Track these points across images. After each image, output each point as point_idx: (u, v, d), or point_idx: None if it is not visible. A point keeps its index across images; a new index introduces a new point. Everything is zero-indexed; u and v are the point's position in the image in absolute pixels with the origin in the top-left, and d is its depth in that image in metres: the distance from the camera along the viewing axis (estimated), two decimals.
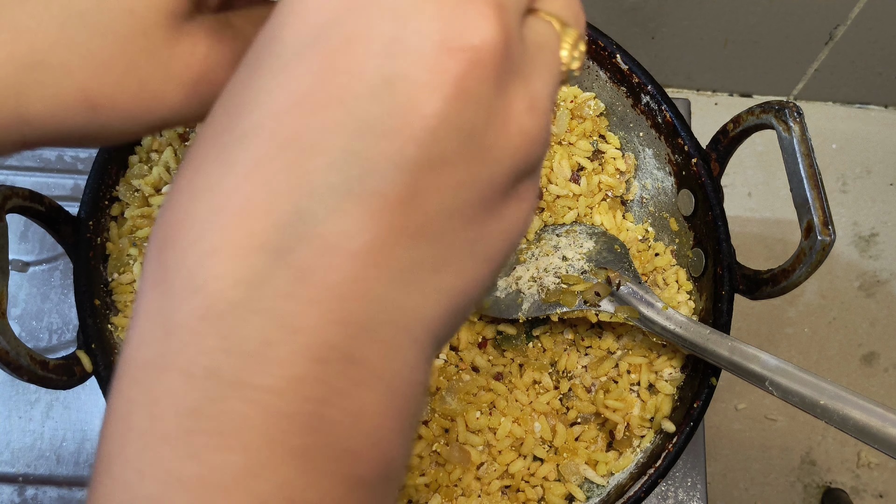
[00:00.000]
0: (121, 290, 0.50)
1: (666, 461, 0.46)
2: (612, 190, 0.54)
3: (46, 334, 0.59)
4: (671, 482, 0.57)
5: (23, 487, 0.56)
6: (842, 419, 0.38)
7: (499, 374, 0.50)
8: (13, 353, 0.40)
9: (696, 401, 0.46)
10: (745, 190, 1.21)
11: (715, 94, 1.25)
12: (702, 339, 0.45)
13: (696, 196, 0.50)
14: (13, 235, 0.61)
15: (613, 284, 0.48)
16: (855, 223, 1.22)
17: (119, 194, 0.51)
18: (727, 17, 1.06)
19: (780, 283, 0.45)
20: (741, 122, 0.47)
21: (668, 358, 0.50)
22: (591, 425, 0.50)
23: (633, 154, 0.55)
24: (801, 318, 1.19)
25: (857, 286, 1.20)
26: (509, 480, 0.49)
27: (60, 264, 0.60)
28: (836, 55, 1.13)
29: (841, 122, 1.25)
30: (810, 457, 1.14)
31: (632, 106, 0.53)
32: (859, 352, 1.18)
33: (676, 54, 1.15)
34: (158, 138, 0.52)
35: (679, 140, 0.50)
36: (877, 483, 1.13)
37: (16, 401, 0.58)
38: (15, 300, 0.60)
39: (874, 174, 1.24)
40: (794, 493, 1.12)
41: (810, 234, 0.42)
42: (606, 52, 0.52)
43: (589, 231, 0.51)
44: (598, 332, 0.52)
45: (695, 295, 0.51)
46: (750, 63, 1.16)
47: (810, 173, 0.43)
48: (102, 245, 0.50)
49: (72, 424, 0.57)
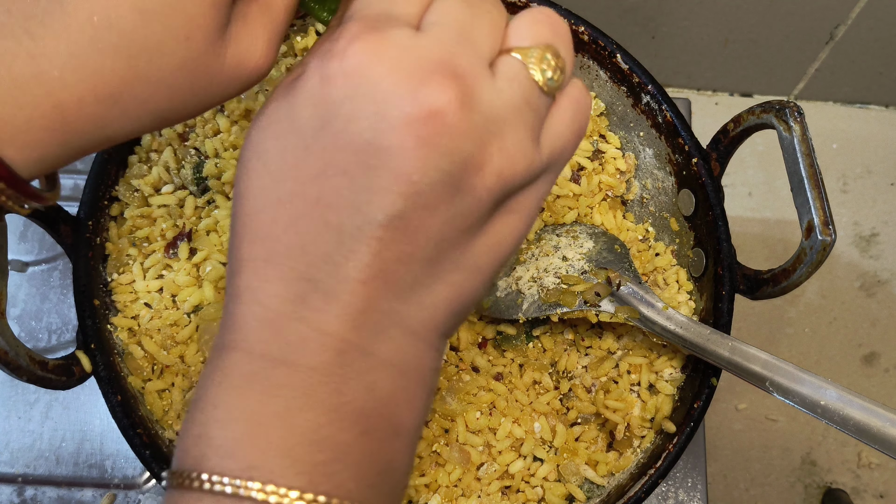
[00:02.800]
0: (120, 290, 0.49)
1: (666, 462, 0.46)
2: (612, 190, 0.54)
3: (46, 334, 0.59)
4: (671, 482, 0.57)
5: (22, 488, 0.56)
6: (842, 419, 0.38)
7: (499, 375, 0.50)
8: (12, 354, 0.40)
9: (696, 401, 0.46)
10: (745, 190, 1.21)
11: (715, 93, 1.25)
12: (702, 340, 0.45)
13: (696, 196, 0.50)
14: (12, 235, 0.61)
15: (613, 284, 0.48)
16: (855, 223, 1.22)
17: (118, 194, 0.51)
18: (727, 16, 1.06)
19: (780, 283, 0.45)
20: (742, 121, 0.47)
21: (668, 358, 0.50)
22: (592, 425, 0.50)
23: (633, 154, 0.54)
24: (801, 318, 1.19)
25: (858, 286, 1.20)
26: (509, 481, 0.48)
27: (60, 264, 0.60)
28: (836, 55, 1.13)
29: (841, 122, 1.25)
30: (811, 457, 1.14)
31: (632, 105, 0.53)
32: (860, 352, 1.18)
33: (677, 54, 1.15)
34: (158, 138, 0.52)
35: (679, 140, 0.50)
36: (877, 483, 1.13)
37: (15, 401, 0.58)
38: (14, 300, 0.59)
39: (875, 174, 1.24)
40: (794, 494, 1.12)
41: (811, 234, 0.42)
42: (606, 52, 0.52)
43: (589, 231, 0.51)
44: (598, 333, 0.52)
45: (695, 295, 0.51)
46: (750, 63, 1.16)
47: (811, 173, 0.42)
48: (102, 245, 0.50)
49: (71, 425, 0.57)
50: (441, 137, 0.22)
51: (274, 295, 0.24)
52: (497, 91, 0.24)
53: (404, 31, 0.23)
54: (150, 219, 0.51)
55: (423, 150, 0.22)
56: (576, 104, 0.26)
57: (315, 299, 0.23)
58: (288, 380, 0.23)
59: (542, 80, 0.25)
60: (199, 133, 0.52)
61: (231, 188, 0.51)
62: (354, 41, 0.23)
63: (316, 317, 0.23)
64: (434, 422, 0.49)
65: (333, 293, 0.23)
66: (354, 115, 0.22)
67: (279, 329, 0.24)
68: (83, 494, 0.56)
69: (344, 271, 0.23)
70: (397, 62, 0.22)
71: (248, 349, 0.24)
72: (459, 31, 0.24)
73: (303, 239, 0.23)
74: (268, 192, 0.24)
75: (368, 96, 0.22)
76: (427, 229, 0.23)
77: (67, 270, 0.60)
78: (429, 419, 0.49)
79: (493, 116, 0.23)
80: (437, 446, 0.48)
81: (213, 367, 0.25)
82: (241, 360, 0.24)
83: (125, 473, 0.56)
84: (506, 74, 0.24)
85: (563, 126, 0.26)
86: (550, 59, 0.25)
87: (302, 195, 0.23)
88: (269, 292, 0.24)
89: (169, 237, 0.51)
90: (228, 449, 0.23)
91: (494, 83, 0.24)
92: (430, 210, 0.23)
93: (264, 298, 0.24)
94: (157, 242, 0.50)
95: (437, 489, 0.48)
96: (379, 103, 0.22)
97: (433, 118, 0.22)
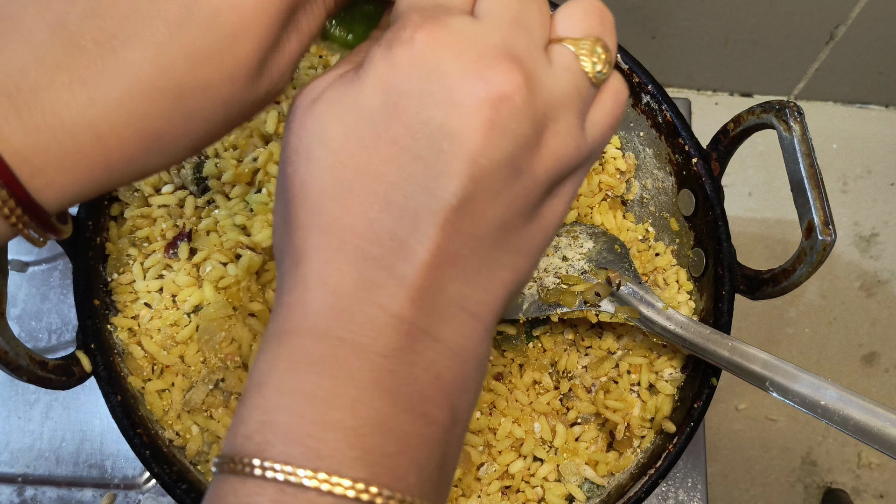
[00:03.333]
0: (120, 290, 0.50)
1: (666, 462, 0.46)
2: (612, 190, 0.54)
3: (46, 334, 0.59)
4: (671, 482, 0.57)
5: (22, 488, 0.56)
6: (842, 419, 0.38)
7: (499, 374, 0.50)
8: (12, 354, 0.40)
9: (696, 401, 0.46)
10: (745, 190, 1.21)
11: (715, 93, 1.25)
12: (702, 340, 0.45)
13: (696, 196, 0.50)
14: None
15: (613, 285, 0.48)
16: (856, 223, 1.22)
17: (119, 194, 0.51)
18: (727, 16, 1.06)
19: (780, 283, 0.45)
20: (742, 121, 0.47)
21: (668, 358, 0.50)
22: (592, 425, 0.50)
23: (633, 154, 0.54)
24: (801, 318, 1.19)
25: (858, 286, 1.20)
26: (509, 481, 0.48)
27: (60, 264, 0.60)
28: (836, 55, 1.13)
29: (841, 122, 1.25)
30: (811, 457, 1.14)
31: (632, 105, 0.53)
32: (860, 352, 1.18)
33: (677, 54, 1.15)
34: None
35: (679, 140, 0.50)
36: (877, 483, 1.13)
37: (15, 401, 0.58)
38: (14, 300, 0.59)
39: (875, 174, 1.24)
40: (794, 494, 1.12)
41: (811, 234, 0.42)
42: None
43: (589, 231, 0.51)
44: (598, 333, 0.52)
45: (695, 295, 0.51)
46: (750, 63, 1.16)
47: (811, 173, 0.42)
48: (102, 245, 0.50)
49: (71, 425, 0.57)
50: (508, 120, 0.23)
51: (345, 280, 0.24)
52: (554, 78, 0.25)
53: (464, 19, 0.24)
54: (151, 219, 0.51)
55: (492, 133, 0.23)
56: (616, 96, 0.27)
57: (386, 283, 0.24)
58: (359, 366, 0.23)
59: (591, 71, 0.25)
60: None
61: (231, 188, 0.51)
62: (419, 30, 0.23)
63: (386, 300, 0.24)
64: None
65: (403, 276, 0.24)
66: (426, 101, 0.23)
67: (349, 313, 0.24)
68: (83, 494, 0.56)
69: (414, 254, 0.24)
70: (463, 48, 0.23)
71: (318, 334, 0.24)
72: (514, 19, 0.24)
73: (375, 225, 0.24)
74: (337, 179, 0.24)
75: (438, 82, 0.23)
76: (493, 211, 0.24)
77: (67, 270, 0.60)
78: None
79: (551, 102, 0.24)
80: None
81: (276, 353, 0.24)
82: (309, 345, 0.24)
83: (125, 473, 0.56)
84: (560, 63, 0.25)
85: (603, 115, 0.27)
86: (600, 52, 0.26)
87: (376, 181, 0.24)
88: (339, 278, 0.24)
89: (169, 237, 0.51)
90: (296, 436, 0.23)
91: (551, 70, 0.25)
92: (495, 192, 0.24)
93: (335, 284, 0.24)
94: (158, 242, 0.50)
95: None
96: (449, 88, 0.23)
97: (501, 102, 0.23)
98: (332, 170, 0.24)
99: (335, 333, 0.24)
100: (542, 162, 0.24)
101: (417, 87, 0.23)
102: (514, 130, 0.23)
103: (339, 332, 0.24)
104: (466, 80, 0.23)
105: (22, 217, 0.25)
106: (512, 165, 0.24)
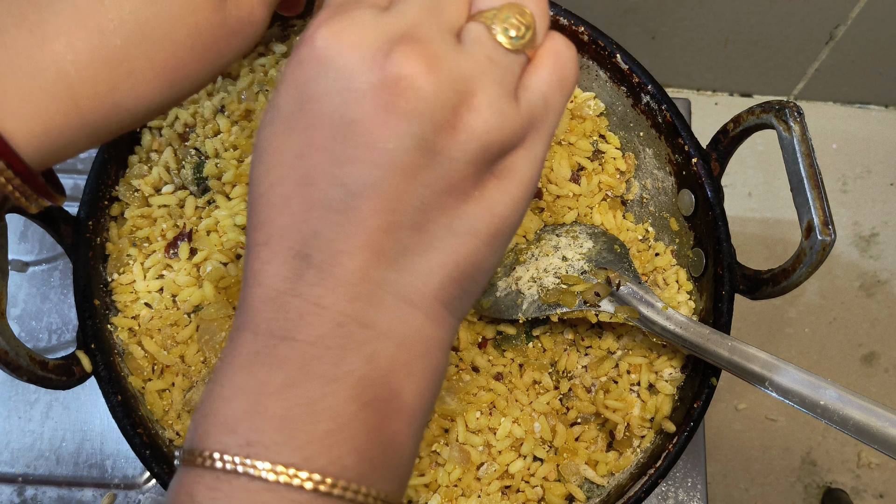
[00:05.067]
0: (120, 291, 0.50)
1: (666, 461, 0.46)
2: (612, 190, 0.54)
3: (46, 334, 0.59)
4: (671, 482, 0.57)
5: (22, 487, 0.56)
6: (842, 419, 0.38)
7: (499, 375, 0.50)
8: (12, 354, 0.40)
9: (696, 401, 0.46)
10: (745, 190, 1.21)
11: (715, 93, 1.25)
12: (702, 340, 0.45)
13: (696, 196, 0.50)
14: (13, 235, 0.61)
15: (613, 284, 0.48)
16: (855, 223, 1.22)
17: (119, 194, 0.51)
18: (727, 17, 1.06)
19: (780, 283, 0.45)
20: (741, 121, 0.47)
21: (668, 358, 0.50)
22: (591, 425, 0.50)
23: (633, 154, 0.54)
24: (801, 318, 1.19)
25: (858, 286, 1.20)
26: (509, 480, 0.49)
27: (60, 264, 0.60)
28: (836, 55, 1.13)
29: (841, 122, 1.25)
30: (811, 457, 1.14)
31: (632, 106, 0.53)
32: (859, 352, 1.18)
33: (676, 54, 1.15)
34: (158, 138, 0.52)
35: (679, 140, 0.50)
36: (877, 483, 1.13)
37: (15, 401, 0.58)
38: (14, 300, 0.59)
39: (874, 174, 1.24)
40: (794, 494, 1.12)
41: (810, 234, 0.42)
42: (606, 52, 0.52)
43: (589, 231, 0.51)
44: (598, 332, 0.52)
45: (695, 295, 0.51)
46: (750, 63, 1.16)
47: (810, 173, 0.43)
48: (102, 245, 0.50)
49: (71, 425, 0.57)
50: (407, 102, 0.23)
51: (273, 275, 0.25)
52: (462, 53, 0.24)
53: (368, 11, 0.24)
54: (151, 219, 0.51)
55: (392, 117, 0.23)
56: (554, 56, 0.26)
57: (310, 275, 0.24)
58: (288, 354, 0.24)
59: (505, 39, 0.25)
60: (199, 133, 0.52)
61: (231, 188, 0.51)
62: (321, 26, 0.24)
63: (312, 291, 0.24)
64: (434, 422, 0.49)
65: (326, 267, 0.24)
66: (325, 93, 0.24)
67: (280, 307, 0.25)
68: (83, 494, 0.56)
69: (334, 245, 0.24)
70: (360, 38, 0.24)
71: (254, 329, 0.25)
72: (424, 5, 0.25)
73: (294, 218, 0.25)
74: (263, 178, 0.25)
75: (337, 74, 0.24)
76: (407, 195, 0.24)
77: (67, 270, 0.60)
78: (429, 419, 0.49)
79: (459, 78, 0.24)
80: (437, 446, 0.48)
81: (226, 350, 0.26)
82: (247, 340, 0.25)
83: (125, 473, 0.56)
84: (468, 38, 0.25)
85: (541, 81, 0.26)
86: (511, 17, 0.25)
87: (289, 177, 0.25)
88: (269, 273, 0.25)
89: (169, 237, 0.51)
90: (229, 425, 0.24)
91: (459, 48, 0.25)
92: (407, 176, 0.24)
93: (265, 279, 0.25)
94: (158, 242, 0.51)
95: (437, 489, 0.48)
96: (346, 78, 0.23)
97: (397, 85, 0.23)
98: (266, 174, 0.25)
99: (269, 328, 0.25)
100: (456, 140, 0.24)
101: (321, 82, 0.24)
102: (416, 111, 0.23)
103: (272, 327, 0.25)
104: (360, 67, 0.23)
105: (4, 171, 0.27)
106: (422, 147, 0.24)
